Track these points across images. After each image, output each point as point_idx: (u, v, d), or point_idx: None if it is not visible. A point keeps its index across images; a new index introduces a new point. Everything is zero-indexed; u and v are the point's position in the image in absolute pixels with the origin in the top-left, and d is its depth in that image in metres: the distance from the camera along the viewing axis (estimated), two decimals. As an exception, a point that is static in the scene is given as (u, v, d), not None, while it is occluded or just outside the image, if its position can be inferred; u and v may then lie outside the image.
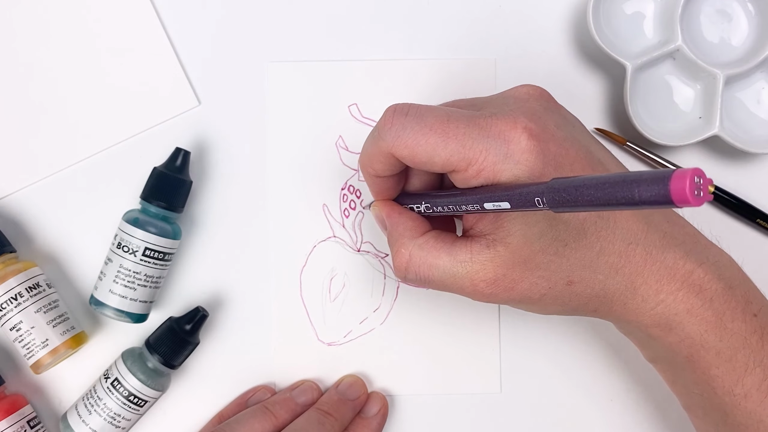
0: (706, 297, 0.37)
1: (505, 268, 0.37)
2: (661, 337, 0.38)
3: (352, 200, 0.50)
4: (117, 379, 0.46)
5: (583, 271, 0.37)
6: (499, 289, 0.37)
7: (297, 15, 0.51)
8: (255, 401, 0.49)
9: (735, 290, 0.38)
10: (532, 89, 0.40)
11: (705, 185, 0.25)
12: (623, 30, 0.50)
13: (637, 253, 0.37)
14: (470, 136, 0.36)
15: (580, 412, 0.51)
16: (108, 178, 0.50)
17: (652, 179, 0.25)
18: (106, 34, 0.50)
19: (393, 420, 0.51)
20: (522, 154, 0.35)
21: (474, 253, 0.37)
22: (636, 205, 0.26)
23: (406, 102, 0.38)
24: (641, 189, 0.26)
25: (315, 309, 0.50)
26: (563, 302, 0.38)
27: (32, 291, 0.46)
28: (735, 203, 0.50)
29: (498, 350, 0.51)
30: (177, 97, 0.50)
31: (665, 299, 0.37)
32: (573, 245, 0.36)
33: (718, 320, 0.37)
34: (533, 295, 0.37)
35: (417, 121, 0.37)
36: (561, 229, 0.36)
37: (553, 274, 0.37)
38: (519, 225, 0.36)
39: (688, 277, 0.37)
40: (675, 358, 0.39)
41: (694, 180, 0.24)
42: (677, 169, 0.25)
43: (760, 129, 0.50)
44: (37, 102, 0.50)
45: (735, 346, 0.37)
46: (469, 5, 0.51)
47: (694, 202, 0.24)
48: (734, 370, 0.37)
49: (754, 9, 0.50)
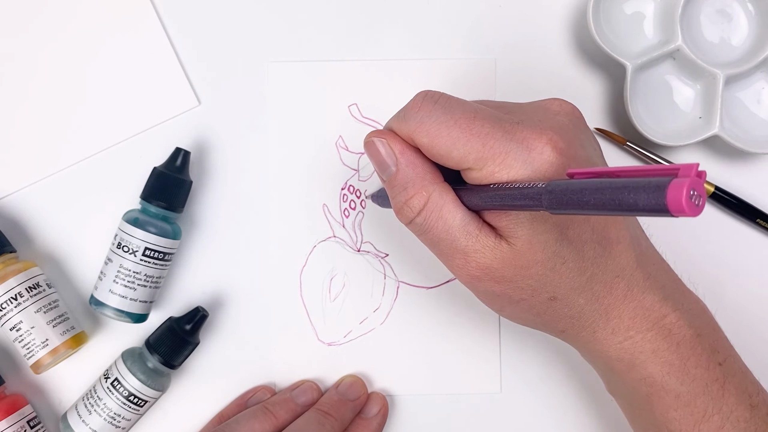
0: (674, 341, 0.37)
1: (502, 263, 0.36)
2: (623, 372, 0.38)
3: (352, 200, 0.50)
4: (117, 379, 0.46)
5: (569, 291, 0.37)
6: (486, 278, 0.37)
7: (297, 15, 0.51)
8: (255, 401, 0.49)
9: (703, 338, 0.38)
10: (565, 104, 0.40)
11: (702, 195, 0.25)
12: (623, 30, 0.50)
13: (620, 288, 0.37)
14: (493, 136, 0.35)
15: (580, 412, 0.51)
16: (108, 178, 0.50)
17: (650, 187, 0.25)
18: (106, 34, 0.50)
19: (393, 420, 0.51)
20: (542, 164, 0.35)
21: (482, 233, 0.37)
22: (633, 212, 0.26)
23: (439, 91, 0.38)
24: (639, 196, 0.26)
25: (315, 309, 0.50)
26: (537, 313, 0.38)
27: (32, 291, 0.46)
28: (735, 203, 0.50)
29: (498, 350, 0.51)
30: (177, 97, 0.50)
31: (634, 336, 0.37)
32: (570, 265, 0.36)
33: (682, 364, 0.37)
34: (513, 297, 0.38)
35: (444, 111, 0.36)
36: (564, 246, 0.36)
37: (541, 285, 0.37)
38: (526, 230, 0.36)
39: (660, 320, 0.37)
40: (634, 395, 0.39)
41: (691, 192, 0.24)
42: (673, 179, 0.25)
43: (760, 129, 0.50)
44: (37, 102, 0.50)
45: (695, 392, 0.37)
46: (469, 5, 0.51)
47: (691, 212, 0.24)
48: (692, 415, 0.37)
49: (754, 9, 0.50)
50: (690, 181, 0.24)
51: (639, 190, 0.26)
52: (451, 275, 0.50)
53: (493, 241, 0.36)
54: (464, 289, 0.50)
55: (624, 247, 0.37)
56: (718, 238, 0.41)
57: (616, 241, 0.37)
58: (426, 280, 0.51)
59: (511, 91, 0.51)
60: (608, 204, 0.27)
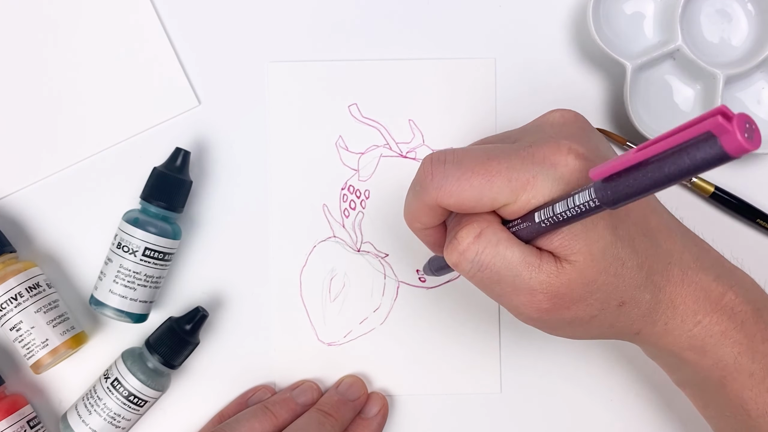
0: (738, 319, 0.37)
1: (569, 286, 0.35)
2: (694, 361, 0.38)
3: (352, 200, 0.50)
4: (117, 379, 0.46)
5: (635, 291, 0.36)
6: (556, 306, 0.36)
7: (297, 15, 0.51)
8: (255, 401, 0.49)
9: (762, 312, 0.38)
10: (567, 113, 0.39)
11: (755, 131, 0.24)
12: (623, 30, 0.50)
13: (675, 274, 0.37)
14: (514, 168, 0.35)
15: (580, 412, 0.51)
16: (108, 179, 0.50)
17: (702, 143, 0.25)
18: (106, 35, 0.50)
19: (393, 420, 0.51)
20: (573, 174, 0.34)
21: (543, 261, 0.36)
22: (695, 172, 0.26)
23: (441, 149, 0.37)
24: (697, 155, 0.25)
25: (315, 309, 0.50)
26: (610, 324, 0.38)
27: (32, 291, 0.46)
28: (735, 203, 0.50)
29: (498, 350, 0.51)
30: (177, 97, 0.50)
31: (702, 320, 0.37)
32: (629, 264, 0.36)
33: (749, 342, 0.37)
34: (584, 317, 0.37)
35: (456, 167, 0.36)
36: (618, 247, 0.35)
37: (608, 295, 0.36)
38: (582, 242, 0.35)
39: (720, 299, 0.37)
40: (706, 382, 0.39)
41: (745, 126, 0.24)
42: (719, 124, 0.24)
43: (760, 129, 0.50)
44: (37, 102, 0.50)
45: (767, 367, 0.37)
46: (469, 5, 0.51)
47: (750, 146, 0.24)
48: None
49: (754, 9, 0.50)
50: (737, 119, 0.24)
51: (692, 149, 0.25)
52: (452, 276, 0.50)
53: (555, 266, 0.35)
54: (464, 289, 0.50)
55: (666, 233, 0.37)
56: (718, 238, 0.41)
57: (657, 230, 0.37)
58: (426, 280, 0.51)
59: (511, 91, 0.51)
60: (668, 175, 0.27)
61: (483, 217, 0.36)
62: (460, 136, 0.50)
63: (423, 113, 0.50)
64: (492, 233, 0.36)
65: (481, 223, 0.36)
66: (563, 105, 0.42)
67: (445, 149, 0.37)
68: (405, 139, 0.50)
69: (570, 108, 0.42)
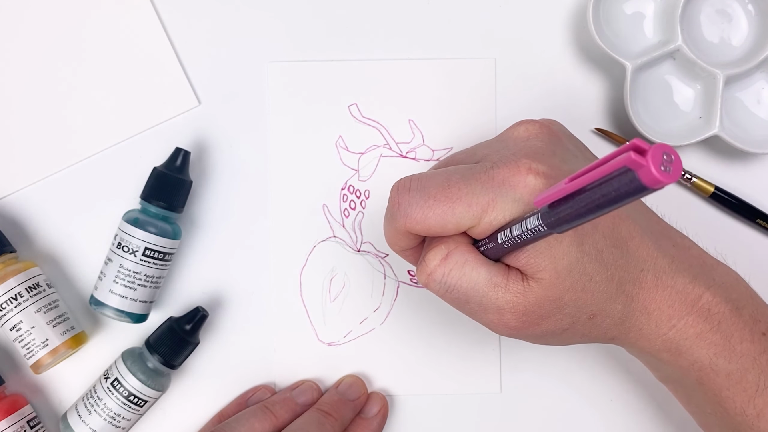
0: (714, 320, 0.37)
1: (536, 304, 0.36)
2: (671, 361, 0.38)
3: (352, 200, 0.50)
4: (117, 379, 0.46)
5: (605, 303, 0.37)
6: (525, 324, 0.37)
7: (297, 15, 0.51)
8: (255, 401, 0.49)
9: (742, 311, 0.38)
10: (531, 125, 0.40)
11: (674, 161, 0.24)
12: (623, 30, 0.50)
13: (648, 280, 0.37)
14: (473, 192, 0.36)
15: (580, 412, 0.51)
16: (108, 178, 0.50)
17: (622, 176, 0.26)
18: (106, 34, 0.50)
19: (393, 420, 0.51)
20: (531, 194, 0.35)
21: (510, 280, 0.36)
22: (620, 201, 0.27)
23: (407, 176, 0.38)
24: (618, 185, 0.26)
25: (315, 309, 0.50)
26: (583, 334, 0.38)
27: (32, 291, 0.46)
28: (735, 203, 0.50)
29: (498, 350, 0.51)
30: (177, 97, 0.50)
31: (676, 324, 0.37)
32: (597, 278, 0.36)
33: (726, 343, 0.37)
34: (556, 330, 0.37)
35: (420, 194, 0.37)
36: (586, 262, 0.36)
37: (578, 310, 0.37)
38: (547, 260, 0.35)
39: (696, 301, 0.37)
40: (685, 380, 0.39)
41: (662, 159, 0.24)
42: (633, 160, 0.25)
43: (760, 129, 0.50)
44: (37, 102, 0.50)
45: (745, 368, 0.37)
46: (469, 5, 0.51)
47: (666, 179, 0.24)
48: (745, 391, 0.37)
49: (754, 9, 0.50)
50: (652, 153, 0.24)
51: (615, 182, 0.26)
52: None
53: (522, 285, 0.36)
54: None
55: (638, 240, 0.37)
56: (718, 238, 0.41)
57: (629, 238, 0.37)
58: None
59: (511, 91, 0.51)
60: (599, 204, 0.28)
61: (452, 239, 0.37)
62: (460, 136, 0.50)
63: (423, 113, 0.50)
64: (459, 254, 0.37)
65: (449, 245, 0.37)
66: (563, 105, 0.42)
67: (411, 176, 0.38)
68: (405, 139, 0.50)
69: (570, 108, 0.42)
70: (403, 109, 0.50)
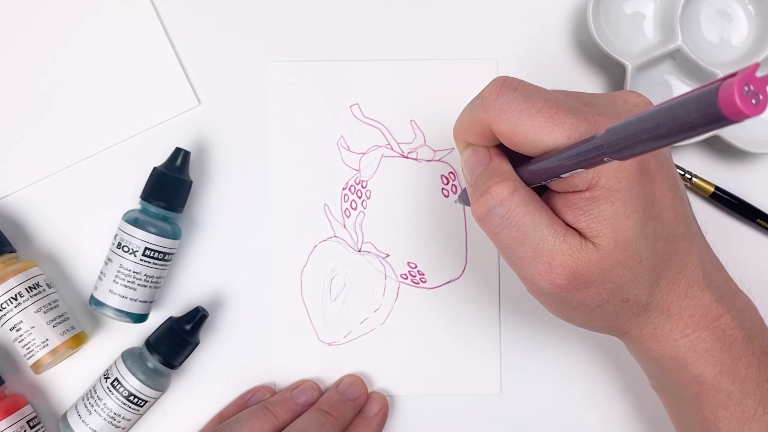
0: (726, 341, 0.37)
1: (587, 267, 0.35)
2: (673, 370, 0.38)
3: (353, 200, 0.50)
4: (117, 379, 0.46)
5: (640, 291, 0.37)
6: (569, 285, 0.35)
7: (297, 15, 0.51)
8: (255, 401, 0.49)
9: (753, 340, 0.38)
10: (642, 98, 0.39)
11: (762, 92, 0.22)
12: (623, 30, 0.50)
13: (681, 285, 0.37)
14: (577, 128, 0.34)
15: (580, 412, 0.51)
16: (108, 178, 0.50)
17: (702, 95, 0.23)
18: (106, 34, 0.50)
19: (393, 420, 0.51)
20: None
21: (569, 233, 0.35)
22: (690, 130, 0.24)
23: (514, 77, 0.36)
24: (691, 107, 0.23)
25: (315, 309, 0.50)
26: (609, 317, 0.38)
27: (32, 291, 0.46)
28: (735, 203, 0.50)
29: (498, 350, 0.51)
30: (177, 97, 0.50)
31: (690, 334, 0.37)
32: (644, 263, 0.36)
33: (733, 364, 0.37)
34: (591, 304, 0.37)
35: (525, 99, 0.35)
36: (643, 244, 0.36)
37: (619, 288, 0.36)
38: (610, 228, 0.35)
39: (716, 320, 0.37)
40: (682, 393, 0.39)
41: (743, 89, 0.22)
42: (724, 81, 0.22)
43: (760, 129, 0.50)
44: (37, 102, 0.50)
45: (746, 391, 0.37)
46: (469, 5, 0.51)
47: (748, 110, 0.22)
48: (743, 413, 0.37)
49: (754, 9, 0.50)
50: (740, 77, 0.22)
51: (690, 101, 0.23)
52: (452, 276, 0.50)
53: (580, 242, 0.35)
54: (465, 289, 0.50)
55: (688, 244, 0.37)
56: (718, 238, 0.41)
57: (681, 238, 0.37)
58: (426, 281, 0.51)
59: (512, 91, 0.51)
60: (663, 128, 0.25)
61: (515, 178, 0.36)
62: (461, 136, 0.50)
63: (425, 114, 0.50)
64: (525, 193, 0.35)
65: (515, 182, 0.35)
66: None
67: (517, 78, 0.36)
68: (406, 140, 0.50)
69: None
70: (404, 110, 0.50)
